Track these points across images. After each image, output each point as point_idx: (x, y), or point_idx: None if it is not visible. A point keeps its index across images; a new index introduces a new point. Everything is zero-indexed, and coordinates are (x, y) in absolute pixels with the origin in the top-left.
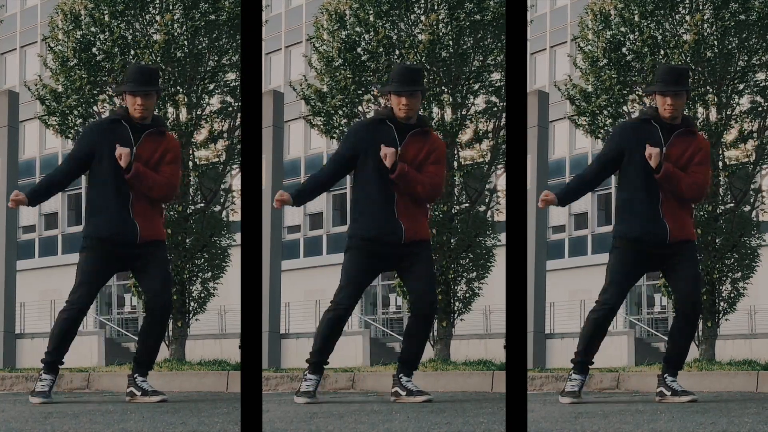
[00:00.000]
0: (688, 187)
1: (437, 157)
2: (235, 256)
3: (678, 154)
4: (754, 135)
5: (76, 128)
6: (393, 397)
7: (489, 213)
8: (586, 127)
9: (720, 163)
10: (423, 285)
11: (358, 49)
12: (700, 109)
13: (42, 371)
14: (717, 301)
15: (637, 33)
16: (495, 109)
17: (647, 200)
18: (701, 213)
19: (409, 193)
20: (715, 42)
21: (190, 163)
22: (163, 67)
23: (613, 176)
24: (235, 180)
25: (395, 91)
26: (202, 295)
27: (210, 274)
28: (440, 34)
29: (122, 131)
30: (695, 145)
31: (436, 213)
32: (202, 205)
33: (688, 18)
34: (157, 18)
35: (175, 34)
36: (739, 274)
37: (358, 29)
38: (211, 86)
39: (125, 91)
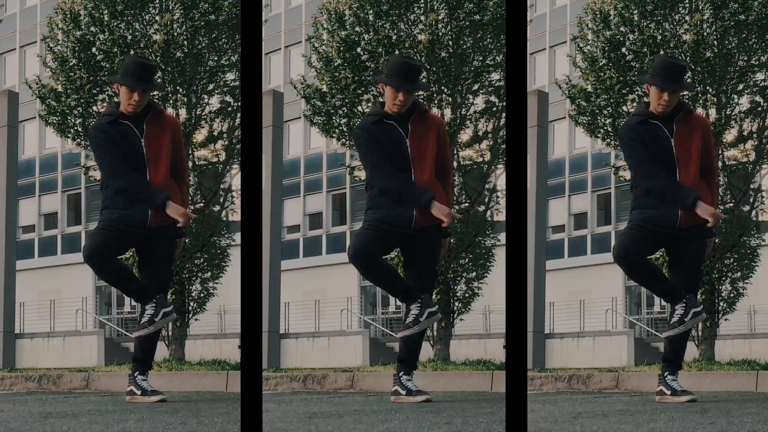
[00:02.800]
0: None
1: (443, 140)
2: (235, 256)
3: (683, 138)
4: (754, 135)
5: (75, 128)
6: (392, 396)
7: (489, 213)
8: (587, 125)
9: (719, 163)
10: (415, 279)
11: (358, 49)
12: (700, 110)
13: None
14: (716, 300)
15: (636, 33)
16: (494, 109)
17: (664, 186)
18: None
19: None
20: (715, 42)
21: (190, 163)
22: (163, 66)
23: (612, 176)
24: (234, 180)
25: (396, 86)
26: (202, 294)
27: (210, 273)
28: (440, 34)
29: (126, 129)
30: (698, 127)
31: None
32: (202, 204)
33: (687, 18)
34: (157, 18)
35: (175, 34)
36: (739, 273)
37: (357, 29)
38: (211, 86)
39: (122, 83)
